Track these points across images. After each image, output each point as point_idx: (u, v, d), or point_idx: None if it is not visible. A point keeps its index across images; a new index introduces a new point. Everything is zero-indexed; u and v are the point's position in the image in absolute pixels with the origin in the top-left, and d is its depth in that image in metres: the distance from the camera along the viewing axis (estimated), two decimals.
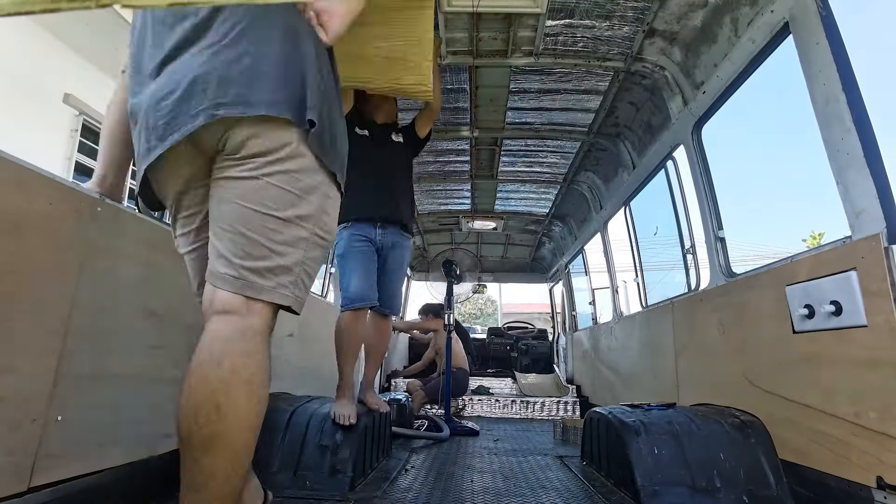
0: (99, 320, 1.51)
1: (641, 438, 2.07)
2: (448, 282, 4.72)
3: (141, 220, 1.73)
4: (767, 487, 1.94)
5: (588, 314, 5.82)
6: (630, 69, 3.05)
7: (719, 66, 2.53)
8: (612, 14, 2.65)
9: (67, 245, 1.40)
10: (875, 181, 1.60)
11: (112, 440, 1.57)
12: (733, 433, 2.08)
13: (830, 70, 1.75)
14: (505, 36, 2.89)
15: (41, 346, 1.32)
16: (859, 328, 1.63)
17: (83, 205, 1.45)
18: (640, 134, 3.62)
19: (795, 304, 1.93)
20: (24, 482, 1.25)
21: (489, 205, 5.76)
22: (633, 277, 4.19)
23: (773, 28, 2.11)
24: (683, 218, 3.22)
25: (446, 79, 3.35)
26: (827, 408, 1.78)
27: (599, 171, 4.56)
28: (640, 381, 3.89)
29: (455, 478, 2.39)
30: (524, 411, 5.15)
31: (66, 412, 1.38)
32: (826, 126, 1.80)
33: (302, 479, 2.00)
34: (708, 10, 2.46)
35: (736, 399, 2.35)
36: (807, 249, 2.08)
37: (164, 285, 1.82)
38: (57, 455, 1.35)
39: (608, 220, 4.67)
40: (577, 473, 2.49)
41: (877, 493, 1.55)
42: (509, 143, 4.25)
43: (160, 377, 1.80)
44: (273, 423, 2.12)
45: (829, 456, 1.76)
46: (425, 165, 4.75)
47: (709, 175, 2.79)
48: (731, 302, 2.49)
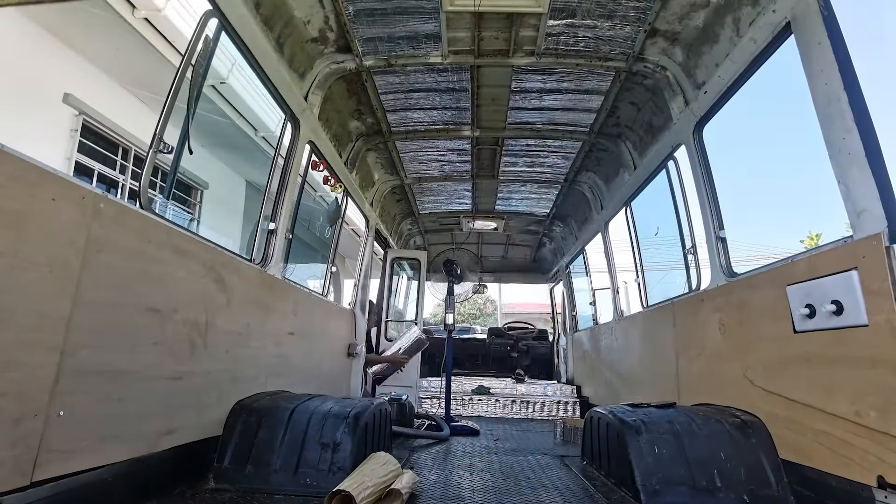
0: (100, 316, 1.51)
1: (642, 438, 2.07)
2: (448, 282, 4.73)
3: (143, 217, 1.73)
4: (768, 487, 1.93)
5: (588, 314, 5.81)
6: (631, 69, 3.05)
7: (721, 66, 2.53)
8: (613, 14, 2.66)
9: (70, 240, 1.40)
10: (876, 181, 1.60)
11: (113, 436, 1.57)
12: (734, 433, 2.07)
13: (832, 70, 1.75)
14: (507, 35, 2.89)
15: (43, 341, 1.32)
16: (860, 328, 1.63)
17: (86, 200, 1.45)
18: (642, 134, 3.63)
19: (796, 303, 1.93)
20: (26, 476, 1.26)
21: (490, 205, 5.76)
22: (634, 278, 4.19)
23: (774, 28, 2.11)
24: (684, 218, 3.22)
25: (448, 78, 3.35)
26: (828, 407, 1.78)
27: (600, 171, 4.56)
28: (640, 381, 3.88)
29: (455, 477, 2.39)
30: (524, 411, 5.15)
31: (67, 408, 1.38)
32: (827, 126, 1.80)
33: (303, 476, 2.00)
34: (709, 9, 2.46)
35: (737, 399, 2.35)
36: (807, 249, 2.07)
37: (166, 281, 1.82)
38: (59, 450, 1.36)
39: (609, 220, 4.67)
40: (578, 473, 2.49)
41: (878, 492, 1.55)
42: (510, 142, 4.25)
43: (161, 373, 1.80)
44: (274, 422, 2.12)
45: (830, 455, 1.75)
46: (426, 165, 4.75)
47: (710, 175, 2.80)
48: (731, 302, 2.49)
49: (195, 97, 2.13)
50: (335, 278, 10.55)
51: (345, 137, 3.93)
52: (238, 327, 2.35)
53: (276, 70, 2.68)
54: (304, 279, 8.47)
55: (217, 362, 2.15)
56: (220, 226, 7.69)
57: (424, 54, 3.07)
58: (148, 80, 5.44)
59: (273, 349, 2.73)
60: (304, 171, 3.33)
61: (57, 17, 4.68)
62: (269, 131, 6.64)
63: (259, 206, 3.03)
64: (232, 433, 2.12)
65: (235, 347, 2.32)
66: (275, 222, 2.87)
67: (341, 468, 2.02)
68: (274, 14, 2.53)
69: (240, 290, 2.36)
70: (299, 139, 3.02)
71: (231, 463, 2.04)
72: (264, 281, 2.67)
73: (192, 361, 1.97)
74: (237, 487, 1.94)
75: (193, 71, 2.09)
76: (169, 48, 4.97)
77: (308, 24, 2.75)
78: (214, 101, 5.88)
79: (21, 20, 4.60)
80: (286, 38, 2.71)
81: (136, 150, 5.94)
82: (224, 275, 2.21)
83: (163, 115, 1.92)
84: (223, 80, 5.61)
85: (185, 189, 7.25)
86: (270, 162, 3.14)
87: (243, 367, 2.39)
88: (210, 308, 2.09)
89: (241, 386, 2.35)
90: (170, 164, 2.20)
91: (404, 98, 3.60)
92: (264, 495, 1.88)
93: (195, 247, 2.02)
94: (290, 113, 2.93)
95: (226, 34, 2.25)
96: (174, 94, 1.97)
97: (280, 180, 2.95)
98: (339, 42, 2.96)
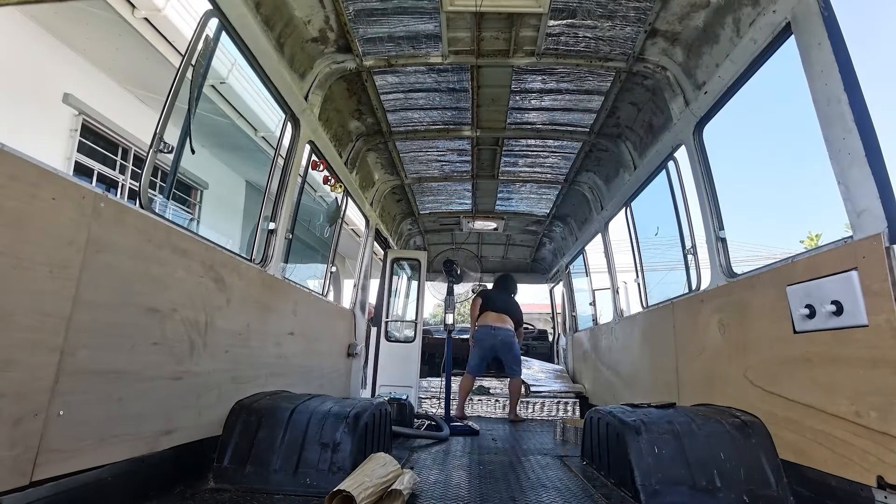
0: (100, 316, 1.51)
1: (642, 438, 2.07)
2: (448, 282, 4.73)
3: (143, 217, 1.73)
4: (768, 487, 1.93)
5: (588, 315, 5.82)
6: (632, 69, 3.05)
7: (721, 66, 2.53)
8: (614, 14, 2.66)
9: (70, 240, 1.40)
10: (876, 181, 1.60)
11: (113, 435, 1.57)
12: (734, 433, 2.07)
13: (832, 70, 1.75)
14: (507, 36, 2.89)
15: (43, 340, 1.32)
16: (860, 328, 1.63)
17: (86, 200, 1.45)
18: (642, 134, 3.63)
19: (796, 303, 1.93)
20: (26, 476, 1.26)
21: (490, 205, 5.76)
22: (634, 278, 4.19)
23: (774, 28, 2.11)
24: (684, 218, 3.22)
25: (449, 78, 3.35)
26: (827, 407, 1.78)
27: (600, 172, 4.56)
28: (640, 382, 3.88)
29: (455, 477, 2.39)
30: (524, 411, 5.15)
31: (67, 407, 1.38)
32: (828, 126, 1.80)
33: (303, 476, 2.00)
34: (710, 10, 2.46)
35: (736, 399, 2.35)
36: (807, 249, 2.07)
37: (166, 281, 1.82)
38: (59, 450, 1.36)
39: (609, 220, 4.67)
40: (578, 473, 2.49)
41: (877, 492, 1.55)
42: (511, 143, 4.25)
43: (161, 373, 1.80)
44: (273, 421, 2.12)
45: (830, 455, 1.75)
46: (426, 165, 4.75)
47: (710, 175, 2.80)
48: (731, 302, 2.49)
49: (195, 97, 2.13)
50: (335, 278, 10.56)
51: (345, 137, 3.93)
52: (238, 327, 2.35)
53: (276, 70, 2.68)
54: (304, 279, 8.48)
55: (217, 362, 2.15)
56: (220, 226, 7.68)
57: (425, 54, 3.07)
58: (148, 80, 5.44)
59: (273, 349, 2.73)
60: (304, 171, 3.33)
61: (57, 17, 4.68)
62: (269, 131, 6.64)
63: (259, 206, 3.03)
64: (232, 433, 2.12)
65: (235, 347, 2.31)
66: (275, 222, 2.87)
67: (341, 468, 2.02)
68: (274, 14, 2.53)
69: (240, 289, 2.36)
70: (299, 139, 3.02)
71: (231, 463, 2.04)
72: (264, 281, 2.67)
73: (191, 361, 1.97)
74: (237, 487, 1.94)
75: (193, 71, 2.09)
76: (169, 48, 4.97)
77: (308, 23, 2.75)
78: (214, 101, 5.87)
79: (21, 20, 4.60)
80: (286, 38, 2.71)
81: (136, 149, 5.93)
82: (224, 275, 2.21)
83: (163, 115, 1.93)
84: (223, 80, 5.61)
85: (185, 189, 7.25)
86: (270, 162, 3.14)
87: (243, 367, 2.39)
88: (210, 308, 2.09)
89: (241, 386, 2.35)
90: (170, 164, 2.20)
91: (404, 98, 3.60)
92: (264, 495, 1.88)
93: (195, 247, 2.02)
94: (290, 113, 2.93)
95: (226, 34, 2.25)
96: (174, 94, 1.97)
97: (280, 180, 2.95)
98: (339, 42, 2.96)
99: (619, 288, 4.83)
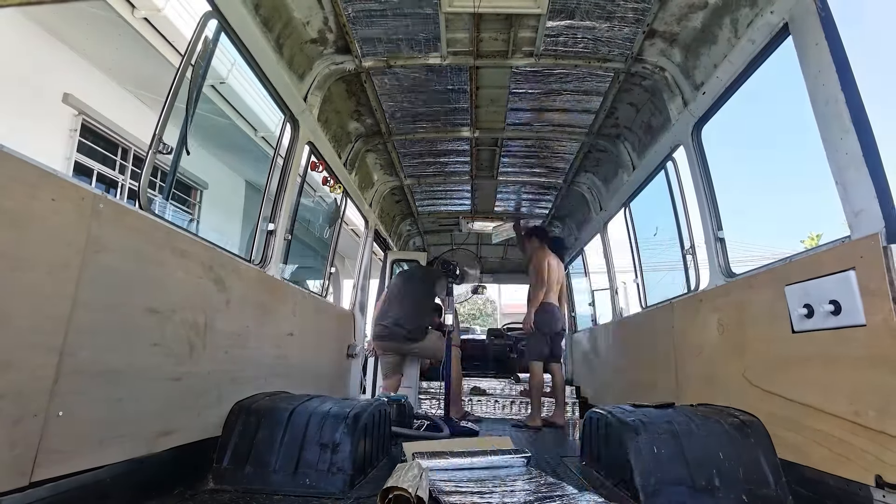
0: (100, 316, 1.51)
1: (641, 438, 2.07)
2: (448, 282, 4.73)
3: (143, 217, 1.74)
4: (767, 486, 1.94)
5: (588, 315, 5.82)
6: (630, 70, 3.06)
7: (719, 66, 2.54)
8: (612, 15, 2.66)
9: (69, 241, 1.40)
10: (874, 181, 1.61)
11: (112, 436, 1.57)
12: (733, 433, 2.08)
13: (830, 71, 1.76)
14: (505, 37, 2.89)
15: (42, 341, 1.32)
16: (858, 327, 1.64)
17: (85, 201, 1.45)
18: (640, 135, 3.63)
19: (795, 303, 1.94)
20: (25, 477, 1.26)
21: (489, 206, 5.76)
22: (633, 278, 4.20)
23: (772, 29, 2.12)
24: (683, 218, 3.23)
25: (448, 79, 3.35)
26: (826, 407, 1.79)
27: (599, 172, 4.57)
28: (639, 382, 3.89)
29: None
30: (524, 411, 5.14)
31: (66, 408, 1.38)
32: (825, 126, 1.81)
33: (302, 476, 2.00)
34: (708, 11, 2.47)
35: (735, 399, 2.35)
36: (806, 249, 2.08)
37: (165, 282, 1.82)
38: (58, 450, 1.36)
39: (608, 220, 4.68)
40: (577, 473, 2.49)
41: (875, 491, 1.55)
42: (510, 143, 4.26)
43: (161, 374, 1.80)
44: (273, 422, 2.12)
45: (828, 455, 1.76)
46: (426, 166, 4.76)
47: (708, 176, 2.80)
48: (730, 302, 2.50)
49: (195, 97, 2.13)
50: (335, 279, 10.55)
51: (344, 138, 3.93)
52: (237, 328, 2.35)
53: (275, 71, 2.68)
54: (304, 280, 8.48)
55: (216, 363, 2.15)
56: (219, 226, 7.68)
57: (424, 55, 3.07)
58: (148, 80, 5.44)
59: (272, 350, 2.73)
60: (304, 171, 3.33)
61: (57, 17, 4.68)
62: (269, 131, 6.64)
63: (258, 206, 3.03)
64: (231, 434, 2.12)
65: (235, 348, 2.31)
66: (274, 223, 2.88)
67: (340, 469, 2.02)
68: (273, 15, 2.53)
69: (239, 290, 2.36)
70: (298, 140, 3.02)
71: (230, 463, 2.04)
72: (264, 281, 2.67)
73: (191, 362, 1.97)
74: (236, 488, 1.94)
75: (193, 71, 2.09)
76: (169, 48, 4.97)
77: (307, 25, 2.75)
78: (214, 101, 5.88)
79: (21, 20, 4.60)
80: (285, 39, 2.71)
81: (136, 150, 5.93)
82: (223, 275, 2.21)
83: (162, 116, 1.93)
84: (223, 80, 5.61)
85: (184, 189, 7.25)
86: (270, 162, 3.14)
87: (243, 368, 2.39)
88: (209, 309, 2.09)
89: (241, 386, 2.35)
90: (169, 164, 2.21)
91: (403, 99, 3.60)
92: (264, 496, 1.88)
93: (194, 247, 2.02)
94: (289, 114, 2.93)
95: (225, 35, 2.25)
96: (174, 95, 1.97)
97: (279, 181, 2.96)
98: (338, 43, 2.96)
99: (619, 288, 4.84)
